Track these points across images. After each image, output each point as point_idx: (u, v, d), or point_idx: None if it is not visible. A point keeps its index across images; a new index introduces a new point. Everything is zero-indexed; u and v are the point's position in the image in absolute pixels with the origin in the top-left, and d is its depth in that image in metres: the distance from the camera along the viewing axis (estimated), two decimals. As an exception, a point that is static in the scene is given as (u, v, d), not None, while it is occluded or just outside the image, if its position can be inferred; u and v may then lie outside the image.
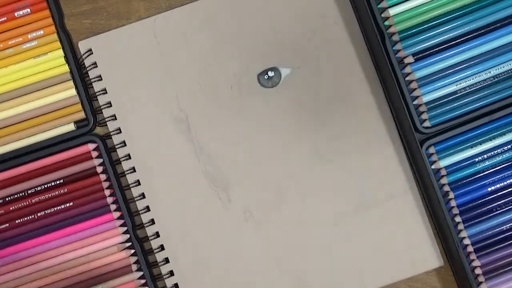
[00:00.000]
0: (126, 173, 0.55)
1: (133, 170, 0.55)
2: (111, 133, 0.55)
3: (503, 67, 0.52)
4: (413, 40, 0.52)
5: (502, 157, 0.52)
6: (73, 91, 0.55)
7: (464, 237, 0.52)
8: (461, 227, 0.52)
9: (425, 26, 0.52)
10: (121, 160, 0.55)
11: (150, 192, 0.55)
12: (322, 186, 0.55)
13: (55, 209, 0.54)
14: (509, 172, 0.52)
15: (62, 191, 0.54)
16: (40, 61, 0.55)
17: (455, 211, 0.52)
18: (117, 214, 0.54)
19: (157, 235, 0.55)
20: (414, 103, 0.52)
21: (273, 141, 0.55)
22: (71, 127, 0.55)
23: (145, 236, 0.55)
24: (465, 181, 0.53)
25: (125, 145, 0.55)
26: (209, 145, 0.55)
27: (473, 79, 0.52)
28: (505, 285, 0.51)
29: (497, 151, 0.52)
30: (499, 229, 0.52)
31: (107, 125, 0.56)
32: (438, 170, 0.53)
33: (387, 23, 0.53)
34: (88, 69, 0.56)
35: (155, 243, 0.55)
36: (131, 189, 0.55)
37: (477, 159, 0.52)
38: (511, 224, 0.52)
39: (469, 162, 0.52)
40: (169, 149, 0.55)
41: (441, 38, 0.52)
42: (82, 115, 0.55)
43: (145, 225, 0.55)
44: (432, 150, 0.53)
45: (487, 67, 0.52)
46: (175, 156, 0.55)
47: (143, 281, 0.54)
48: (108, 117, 0.56)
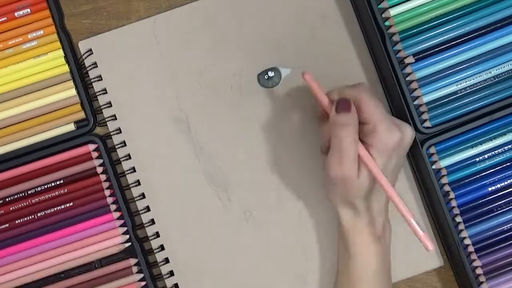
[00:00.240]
0: (126, 173, 0.55)
1: (133, 170, 0.55)
2: (111, 133, 0.55)
3: (504, 67, 0.52)
4: (413, 40, 0.52)
5: (502, 157, 0.52)
6: (73, 91, 0.55)
7: (464, 237, 0.52)
8: (461, 227, 0.52)
9: (425, 26, 0.52)
10: (121, 160, 0.55)
11: (150, 192, 0.55)
12: (322, 186, 0.55)
13: (55, 209, 0.54)
14: (510, 172, 0.52)
15: (62, 191, 0.54)
16: (40, 61, 0.55)
17: (456, 211, 0.52)
18: (117, 214, 0.54)
19: (157, 235, 0.55)
20: (414, 103, 0.52)
21: (273, 141, 0.55)
22: (71, 127, 0.55)
23: (145, 236, 0.55)
24: (465, 181, 0.53)
25: (125, 145, 0.55)
26: (209, 145, 0.55)
27: (474, 79, 0.52)
28: (506, 285, 0.51)
29: (497, 151, 0.52)
30: (500, 229, 0.52)
31: (107, 125, 0.56)
32: (438, 170, 0.53)
33: (387, 23, 0.53)
34: (88, 69, 0.56)
35: (155, 243, 0.55)
36: (131, 189, 0.55)
37: (477, 159, 0.53)
38: (512, 224, 0.52)
39: (469, 162, 0.53)
40: (169, 149, 0.55)
41: (442, 38, 0.52)
42: (82, 115, 0.55)
43: (145, 225, 0.55)
44: (432, 150, 0.53)
45: (487, 67, 0.52)
46: (175, 156, 0.55)
47: (145, 287, 0.54)
48: (108, 117, 0.55)
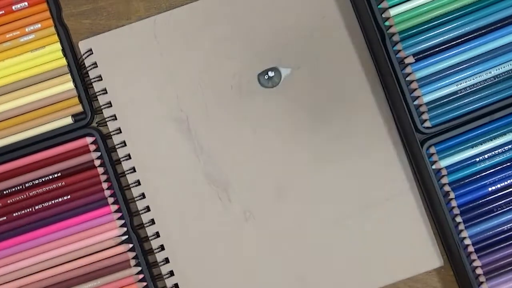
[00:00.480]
0: (126, 173, 0.55)
1: (133, 170, 0.55)
2: (111, 133, 0.55)
3: (504, 67, 0.52)
4: (413, 40, 0.52)
5: (502, 157, 0.52)
6: (71, 85, 0.55)
7: (465, 237, 0.52)
8: (461, 227, 0.52)
9: (425, 26, 0.52)
10: (121, 160, 0.55)
11: (150, 192, 0.55)
12: (322, 186, 0.55)
13: (53, 202, 0.54)
14: (510, 172, 0.52)
15: (59, 184, 0.54)
16: (37, 55, 0.55)
17: (456, 211, 0.52)
18: (115, 207, 0.54)
19: (157, 235, 0.55)
20: (414, 103, 0.52)
21: (273, 141, 0.55)
22: (69, 120, 0.55)
23: (145, 236, 0.55)
24: (465, 181, 0.53)
25: (125, 145, 0.55)
26: (209, 145, 0.55)
27: (474, 79, 0.52)
28: (506, 285, 0.51)
29: (497, 151, 0.52)
30: (500, 229, 0.52)
31: (107, 125, 0.56)
32: (438, 170, 0.53)
33: (387, 23, 0.53)
34: (88, 69, 0.55)
35: (155, 243, 0.55)
36: (131, 189, 0.55)
37: (477, 159, 0.52)
38: (512, 224, 0.52)
39: (469, 162, 0.52)
40: (169, 149, 0.55)
41: (442, 38, 0.52)
42: (79, 108, 0.55)
43: (145, 225, 0.55)
44: (432, 150, 0.53)
45: (487, 67, 0.52)
46: (175, 156, 0.55)
47: (143, 281, 0.54)
48: (108, 117, 0.55)
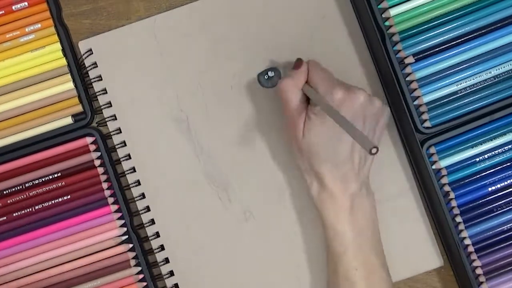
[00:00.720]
0: (126, 173, 0.55)
1: (133, 170, 0.55)
2: (111, 133, 0.55)
3: (504, 67, 0.52)
4: (413, 40, 0.52)
5: (502, 157, 0.52)
6: (71, 85, 0.55)
7: (464, 237, 0.52)
8: (461, 227, 0.52)
9: (425, 26, 0.52)
10: (121, 160, 0.55)
11: (150, 192, 0.55)
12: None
13: (53, 202, 0.54)
14: (510, 172, 0.52)
15: (59, 184, 0.54)
16: (37, 55, 0.55)
17: (456, 211, 0.52)
18: (115, 207, 0.54)
19: (157, 235, 0.55)
20: (414, 103, 0.52)
21: (273, 141, 0.55)
22: (69, 120, 0.55)
23: (145, 236, 0.55)
24: (465, 181, 0.53)
25: (125, 145, 0.55)
26: (209, 145, 0.55)
27: (474, 79, 0.52)
28: (506, 285, 0.51)
29: (497, 151, 0.52)
30: (500, 229, 0.52)
31: (107, 125, 0.56)
32: (438, 170, 0.53)
33: (387, 23, 0.53)
34: (88, 69, 0.55)
35: (155, 243, 0.55)
36: (131, 189, 0.55)
37: (477, 159, 0.53)
38: (512, 224, 0.52)
39: (469, 162, 0.53)
40: (169, 149, 0.55)
41: (442, 38, 0.52)
42: (79, 108, 0.55)
43: (145, 225, 0.55)
44: (432, 150, 0.53)
45: (487, 68, 0.52)
46: (175, 156, 0.55)
47: (143, 281, 0.54)
48: (108, 117, 0.55)
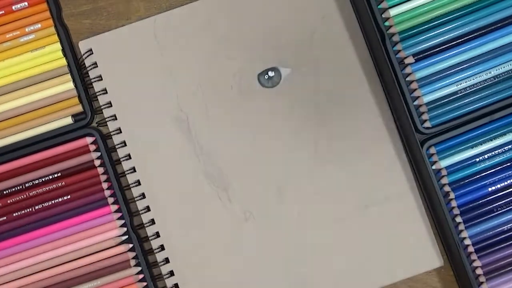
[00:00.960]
0: (126, 173, 0.55)
1: (133, 170, 0.55)
2: (111, 133, 0.55)
3: (504, 67, 0.52)
4: (413, 40, 0.52)
5: (502, 157, 0.52)
6: (71, 85, 0.55)
7: (465, 237, 0.52)
8: (462, 227, 0.52)
9: (425, 26, 0.52)
10: (121, 160, 0.55)
11: (150, 192, 0.55)
12: (322, 186, 0.55)
13: (53, 202, 0.54)
14: (510, 172, 0.52)
15: (59, 184, 0.54)
16: (37, 55, 0.55)
17: (456, 211, 0.52)
18: (115, 207, 0.54)
19: (157, 235, 0.55)
20: (414, 103, 0.52)
21: (273, 141, 0.55)
22: (69, 120, 0.55)
23: (145, 236, 0.55)
24: (465, 181, 0.53)
25: (125, 145, 0.55)
26: (209, 145, 0.55)
27: (474, 79, 0.52)
28: (506, 285, 0.51)
29: (497, 151, 0.52)
30: (500, 229, 0.52)
31: (107, 125, 0.56)
32: (438, 170, 0.53)
33: (387, 23, 0.53)
34: (88, 69, 0.55)
35: (155, 243, 0.55)
36: (131, 189, 0.55)
37: (477, 159, 0.52)
38: (512, 224, 0.52)
39: (469, 162, 0.52)
40: (169, 149, 0.55)
41: (442, 38, 0.52)
42: (79, 108, 0.55)
43: (145, 225, 0.55)
44: (432, 150, 0.53)
45: (487, 68, 0.52)
46: (175, 156, 0.55)
47: (143, 281, 0.54)
48: (108, 117, 0.55)
